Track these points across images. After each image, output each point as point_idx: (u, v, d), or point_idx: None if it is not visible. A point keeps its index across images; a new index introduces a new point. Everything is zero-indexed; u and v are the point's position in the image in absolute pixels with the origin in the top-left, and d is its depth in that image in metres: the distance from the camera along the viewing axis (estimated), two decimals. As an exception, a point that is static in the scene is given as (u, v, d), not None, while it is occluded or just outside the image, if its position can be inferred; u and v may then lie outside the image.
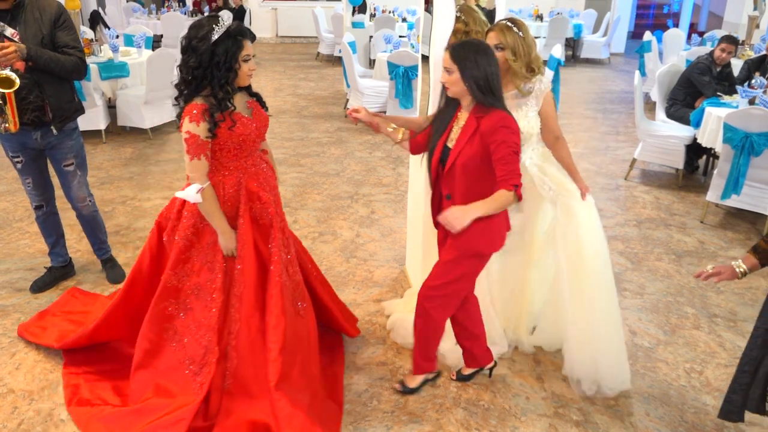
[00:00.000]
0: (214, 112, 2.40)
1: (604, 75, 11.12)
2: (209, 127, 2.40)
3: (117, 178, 5.46)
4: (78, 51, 3.23)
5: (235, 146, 2.51)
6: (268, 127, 2.71)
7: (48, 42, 3.14)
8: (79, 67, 3.23)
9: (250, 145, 2.57)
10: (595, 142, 6.90)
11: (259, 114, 2.63)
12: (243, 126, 2.50)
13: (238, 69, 2.42)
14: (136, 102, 6.50)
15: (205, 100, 2.41)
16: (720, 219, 4.90)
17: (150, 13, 12.04)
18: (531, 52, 2.69)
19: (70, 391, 2.78)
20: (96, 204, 3.67)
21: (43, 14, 3.14)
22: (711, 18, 14.72)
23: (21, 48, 2.96)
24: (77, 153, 3.44)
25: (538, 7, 12.38)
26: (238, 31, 2.40)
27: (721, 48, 5.86)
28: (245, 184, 2.58)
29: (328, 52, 11.69)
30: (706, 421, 2.71)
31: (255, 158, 2.65)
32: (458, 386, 2.88)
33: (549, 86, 2.76)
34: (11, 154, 3.37)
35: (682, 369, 3.06)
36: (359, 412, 2.71)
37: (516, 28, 2.66)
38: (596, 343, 2.75)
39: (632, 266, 4.09)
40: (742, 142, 4.38)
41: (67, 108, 3.30)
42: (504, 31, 2.65)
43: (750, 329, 3.38)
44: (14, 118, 3.06)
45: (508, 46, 2.64)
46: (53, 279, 3.67)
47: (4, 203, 4.86)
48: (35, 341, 3.09)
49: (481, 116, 2.36)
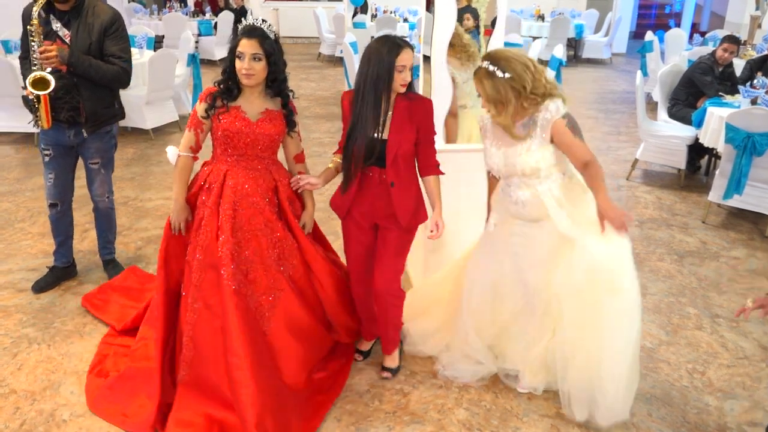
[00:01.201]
0: (216, 96, 2.59)
1: (606, 75, 11.11)
2: (206, 108, 2.61)
3: (118, 179, 5.46)
4: (123, 61, 3.25)
5: (222, 139, 2.63)
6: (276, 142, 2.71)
7: (95, 49, 3.17)
8: (120, 77, 3.27)
9: (238, 144, 2.62)
10: (596, 143, 6.89)
11: (267, 124, 2.63)
12: (231, 121, 2.58)
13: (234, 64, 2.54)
14: (137, 102, 6.50)
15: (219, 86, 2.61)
16: (722, 219, 4.89)
17: (151, 13, 12.04)
18: (526, 86, 2.36)
19: (96, 360, 2.97)
20: (114, 203, 3.69)
21: (96, 21, 3.17)
22: (713, 18, 14.70)
23: (63, 53, 3.04)
24: (103, 154, 3.48)
25: (539, 7, 12.38)
26: (242, 28, 2.54)
27: (723, 48, 5.85)
28: (233, 181, 2.64)
29: (329, 52, 11.69)
30: (708, 422, 2.71)
31: (252, 163, 2.67)
32: (460, 387, 2.88)
33: (558, 114, 2.41)
34: (42, 146, 3.40)
35: (684, 369, 3.06)
36: (361, 413, 2.71)
37: (499, 71, 2.35)
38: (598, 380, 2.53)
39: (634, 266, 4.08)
40: (744, 142, 4.37)
41: (103, 113, 3.34)
42: (481, 81, 2.40)
43: (752, 330, 3.38)
44: (47, 117, 3.14)
45: (490, 99, 2.41)
46: (55, 279, 3.67)
47: (6, 204, 4.87)
48: (98, 315, 3.32)
49: (408, 103, 2.53)
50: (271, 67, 2.56)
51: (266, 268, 2.68)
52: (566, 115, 2.43)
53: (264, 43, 2.49)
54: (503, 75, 2.35)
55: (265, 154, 2.70)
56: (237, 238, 2.62)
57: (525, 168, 2.49)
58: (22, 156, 6.03)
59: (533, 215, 2.58)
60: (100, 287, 3.57)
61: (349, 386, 2.88)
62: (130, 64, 3.31)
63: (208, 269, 2.61)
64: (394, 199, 2.59)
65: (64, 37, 3.15)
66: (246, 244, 2.64)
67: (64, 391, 2.80)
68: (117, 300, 3.42)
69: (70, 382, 2.86)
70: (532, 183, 2.55)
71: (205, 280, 2.61)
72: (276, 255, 2.71)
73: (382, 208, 2.64)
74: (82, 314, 3.39)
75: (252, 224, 2.65)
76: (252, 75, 2.51)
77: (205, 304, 2.61)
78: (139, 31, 8.02)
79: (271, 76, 2.59)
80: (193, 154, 2.72)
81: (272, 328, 2.68)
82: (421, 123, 2.57)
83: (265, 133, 2.63)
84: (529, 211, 2.59)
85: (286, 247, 2.74)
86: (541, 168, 2.49)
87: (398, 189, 2.59)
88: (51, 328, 3.26)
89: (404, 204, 2.62)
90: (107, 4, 3.27)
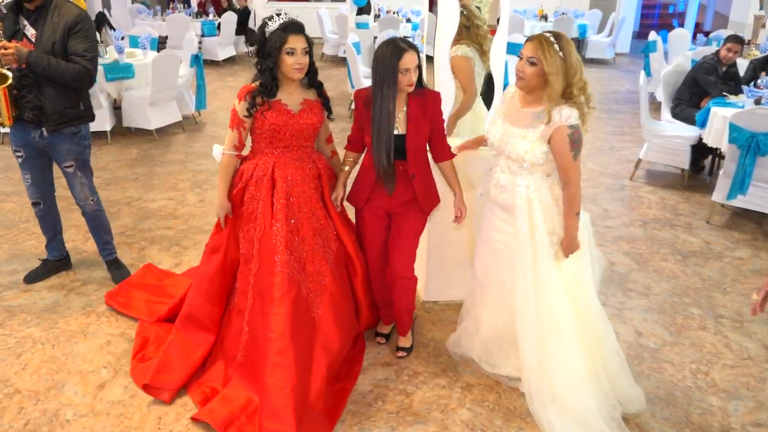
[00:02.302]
0: (256, 95, 2.63)
1: (609, 75, 11.10)
2: (247, 107, 2.65)
3: (122, 179, 5.48)
4: (86, 60, 3.19)
5: (269, 133, 2.70)
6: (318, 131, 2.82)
7: (59, 48, 3.16)
8: (81, 77, 3.20)
9: (285, 136, 2.71)
10: (600, 143, 6.88)
11: (309, 114, 2.73)
12: (277, 116, 2.66)
13: (280, 61, 2.58)
14: (141, 103, 6.52)
15: (257, 84, 2.66)
16: (726, 219, 4.88)
17: (155, 14, 12.07)
18: (573, 75, 2.33)
19: (139, 343, 3.08)
20: (101, 204, 3.68)
21: (61, 21, 3.17)
22: (716, 18, 14.67)
23: (21, 52, 3.06)
24: (76, 156, 3.43)
25: (542, 7, 12.37)
26: (284, 25, 2.57)
27: (727, 48, 5.84)
28: (281, 172, 2.73)
29: (332, 52, 11.70)
30: (712, 422, 2.70)
31: (297, 153, 2.77)
32: (463, 387, 2.88)
33: (568, 122, 2.35)
34: (14, 147, 3.43)
35: (688, 370, 3.05)
36: (364, 413, 2.72)
37: (557, 46, 2.32)
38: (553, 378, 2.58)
39: (638, 267, 4.08)
40: (747, 142, 4.36)
41: (66, 113, 3.29)
42: (543, 45, 2.33)
43: (756, 330, 3.37)
44: (8, 113, 3.19)
45: (542, 63, 2.33)
46: (47, 271, 3.76)
47: (11, 204, 4.88)
48: (125, 312, 3.37)
49: (420, 98, 2.66)
50: (311, 59, 2.67)
51: (314, 255, 2.79)
52: (574, 127, 2.38)
53: (308, 38, 2.61)
54: (558, 51, 2.33)
55: (307, 144, 2.81)
56: (290, 227, 2.72)
57: (512, 152, 2.51)
58: (26, 157, 6.04)
59: (507, 203, 2.62)
60: (120, 285, 3.60)
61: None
62: (92, 64, 3.23)
63: (265, 258, 2.70)
64: (416, 189, 2.77)
65: (31, 37, 3.16)
66: (297, 232, 2.75)
67: (68, 391, 2.81)
68: (140, 296, 3.48)
69: (74, 382, 2.87)
70: (516, 171, 2.57)
71: (262, 268, 2.70)
72: (320, 242, 2.82)
73: (401, 197, 2.79)
74: (86, 314, 3.40)
75: (302, 212, 2.77)
76: (304, 69, 2.62)
77: (260, 292, 2.71)
78: (143, 31, 8.04)
79: (310, 69, 2.70)
80: (237, 152, 2.80)
81: (320, 314, 2.78)
82: (433, 114, 2.72)
83: (308, 123, 2.73)
84: (504, 198, 2.63)
85: (328, 234, 2.86)
86: (526, 159, 2.48)
87: (419, 179, 2.77)
88: (55, 328, 3.27)
89: (425, 192, 2.81)
90: (73, 3, 3.23)
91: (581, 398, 2.54)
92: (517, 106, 2.55)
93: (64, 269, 3.83)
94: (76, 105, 3.34)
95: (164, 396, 2.74)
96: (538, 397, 2.61)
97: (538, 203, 2.54)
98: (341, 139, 2.88)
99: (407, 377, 2.95)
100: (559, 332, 2.55)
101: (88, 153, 3.51)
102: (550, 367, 2.57)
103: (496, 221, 2.72)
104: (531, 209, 2.54)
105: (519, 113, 2.53)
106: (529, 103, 2.51)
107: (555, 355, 2.56)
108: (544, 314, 2.56)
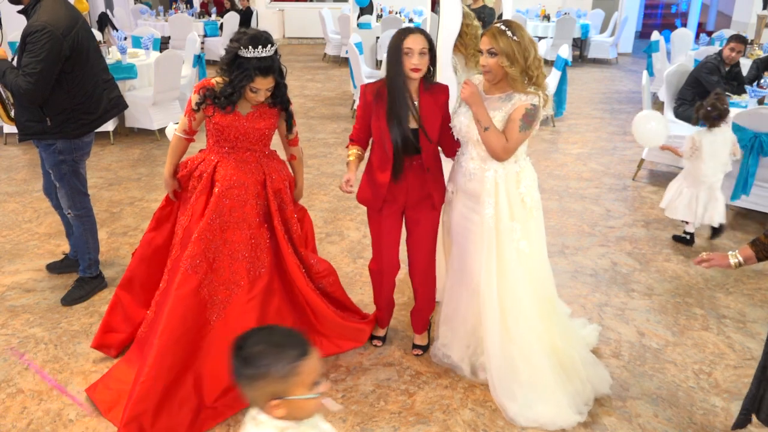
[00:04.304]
0: (209, 96, 2.64)
1: (612, 75, 11.08)
2: (197, 101, 2.67)
3: (125, 179, 5.49)
4: (24, 76, 2.98)
5: (214, 132, 2.72)
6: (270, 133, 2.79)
7: (21, 59, 3.07)
8: (17, 92, 3.04)
9: (229, 137, 2.70)
10: (602, 143, 6.87)
11: (258, 118, 2.70)
12: (222, 116, 2.65)
13: (243, 90, 2.60)
14: (143, 103, 6.53)
15: (217, 82, 2.64)
16: (729, 219, 4.86)
17: (158, 14, 12.09)
18: (528, 57, 2.48)
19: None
20: (84, 222, 3.52)
21: (25, 31, 3.05)
22: (719, 17, 14.64)
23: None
24: (52, 167, 3.36)
25: (545, 7, 12.36)
26: (258, 66, 2.50)
27: (730, 47, 5.83)
28: (223, 172, 2.73)
29: (334, 53, 11.70)
30: (715, 423, 2.70)
31: (243, 155, 2.75)
32: (465, 387, 2.88)
33: (527, 102, 2.50)
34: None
35: (691, 370, 3.05)
36: (366, 413, 2.71)
37: (510, 32, 2.46)
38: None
39: (640, 267, 4.08)
40: (751, 142, 4.36)
41: (28, 125, 3.23)
42: (496, 36, 2.47)
43: (759, 330, 3.36)
44: (3, 112, 3.45)
45: (501, 52, 2.45)
46: (64, 266, 3.82)
47: (14, 204, 4.89)
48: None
49: (431, 93, 2.68)
50: (273, 93, 2.68)
51: (232, 260, 2.74)
52: (534, 105, 2.50)
53: (278, 72, 2.62)
54: (512, 36, 2.45)
55: (255, 147, 2.78)
56: (213, 226, 2.70)
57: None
58: (29, 157, 6.06)
59: (475, 190, 2.67)
60: None
61: (354, 387, 2.88)
62: (29, 81, 2.98)
63: (182, 248, 2.72)
64: (430, 183, 2.78)
65: None
66: (221, 233, 2.72)
67: (71, 390, 2.81)
68: None
69: (77, 382, 2.87)
70: (484, 156, 2.62)
71: (178, 256, 2.72)
72: (245, 251, 2.76)
73: (416, 192, 2.80)
74: (89, 315, 3.40)
75: (232, 215, 2.74)
76: (259, 101, 2.65)
77: (171, 278, 2.72)
78: (145, 32, 8.07)
79: (271, 98, 2.71)
80: (186, 136, 2.84)
81: (218, 323, 2.72)
82: (444, 108, 2.74)
83: (255, 128, 2.71)
84: (473, 186, 2.68)
85: (260, 244, 2.80)
86: None
87: (433, 173, 2.79)
88: (58, 328, 3.27)
89: (438, 186, 2.83)
90: (40, 14, 3.01)
91: (544, 383, 2.66)
92: (483, 96, 2.64)
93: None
94: (39, 120, 3.20)
95: (111, 351, 3.00)
96: (500, 384, 2.72)
97: (504, 190, 2.63)
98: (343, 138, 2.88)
99: (409, 377, 2.94)
100: (524, 322, 2.67)
101: (66, 168, 3.35)
102: (512, 356, 2.68)
103: (464, 210, 2.78)
104: (497, 194, 2.63)
105: (485, 102, 2.61)
106: (494, 90, 2.62)
107: (519, 339, 2.67)
108: (506, 299, 2.66)
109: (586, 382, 2.74)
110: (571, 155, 6.40)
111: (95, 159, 3.82)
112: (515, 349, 2.68)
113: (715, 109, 4.06)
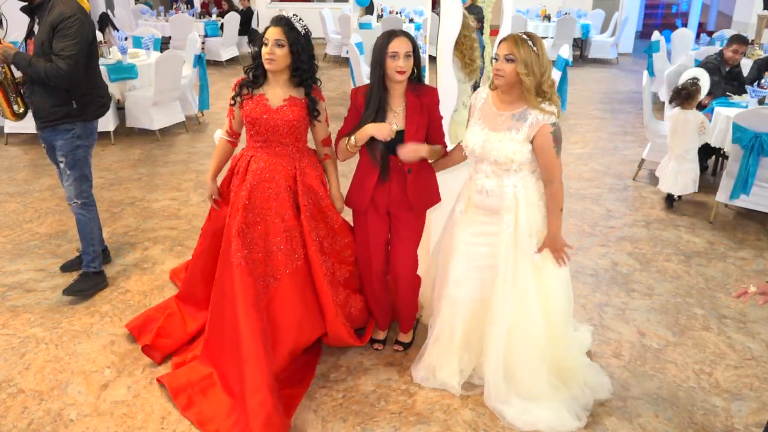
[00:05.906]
0: (243, 84, 2.76)
1: (612, 75, 11.08)
2: (233, 95, 2.80)
3: (125, 179, 5.49)
4: (61, 59, 3.16)
5: (248, 125, 2.79)
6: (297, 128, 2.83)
7: (48, 47, 3.21)
8: (56, 75, 3.17)
9: (261, 130, 2.76)
10: (603, 143, 6.87)
11: (288, 110, 2.74)
12: (253, 107, 2.72)
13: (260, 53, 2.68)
14: (144, 103, 6.54)
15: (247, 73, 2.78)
16: (729, 219, 4.87)
17: (158, 15, 12.08)
18: (544, 73, 2.44)
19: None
20: (87, 211, 3.57)
21: (48, 19, 3.20)
22: (720, 17, 14.64)
23: (7, 52, 3.20)
24: (66, 154, 3.43)
25: (545, 7, 12.35)
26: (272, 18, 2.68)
27: (733, 49, 5.80)
28: (255, 166, 2.80)
29: (335, 53, 11.72)
30: (715, 423, 2.70)
31: (275, 149, 2.80)
32: (466, 387, 2.88)
33: (549, 120, 2.45)
34: (41, 140, 3.57)
35: (692, 370, 3.05)
36: (367, 413, 2.72)
37: (531, 42, 2.42)
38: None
39: (641, 267, 4.08)
40: (751, 142, 4.35)
41: (53, 111, 3.33)
42: (518, 43, 2.42)
43: (760, 330, 3.36)
44: (7, 108, 3.47)
45: (520, 59, 2.39)
46: (79, 264, 3.77)
47: (15, 204, 4.90)
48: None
49: (417, 94, 2.69)
50: (293, 56, 2.67)
51: (268, 253, 2.79)
52: (555, 125, 2.47)
53: (288, 32, 2.62)
54: (533, 47, 2.42)
55: (287, 141, 2.81)
56: (247, 219, 2.75)
57: (499, 156, 2.52)
58: (30, 157, 6.06)
59: (494, 207, 2.63)
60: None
61: (354, 386, 2.88)
62: (69, 63, 3.17)
63: (225, 243, 2.80)
64: (408, 185, 2.77)
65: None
66: (254, 226, 2.77)
67: (72, 390, 2.82)
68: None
69: (78, 381, 2.88)
70: (501, 174, 2.59)
71: (223, 252, 2.81)
72: (281, 243, 2.79)
73: (398, 194, 2.80)
74: (90, 314, 3.40)
75: (264, 208, 2.78)
76: (273, 60, 2.63)
77: (220, 276, 2.82)
78: (146, 32, 8.07)
79: (294, 65, 2.69)
80: (228, 138, 2.94)
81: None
82: (431, 111, 2.74)
83: (285, 119, 2.74)
84: (491, 202, 2.63)
85: (294, 237, 2.82)
86: (514, 160, 2.51)
87: (414, 175, 2.77)
88: (58, 328, 3.28)
89: (420, 189, 2.81)
90: (62, 6, 3.20)
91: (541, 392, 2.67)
92: (494, 112, 2.58)
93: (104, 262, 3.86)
94: (66, 103, 3.34)
95: (156, 357, 3.01)
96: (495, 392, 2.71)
97: (524, 203, 2.59)
98: (344, 139, 2.91)
99: (410, 377, 2.94)
100: (530, 336, 2.65)
101: (81, 153, 3.47)
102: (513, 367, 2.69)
103: (480, 226, 2.71)
104: (517, 209, 2.59)
105: (497, 117, 2.56)
106: (506, 105, 2.55)
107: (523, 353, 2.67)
108: (519, 318, 2.63)
109: (585, 388, 2.74)
110: (572, 155, 6.40)
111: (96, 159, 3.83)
112: (517, 361, 2.67)
113: (685, 89, 4.72)
